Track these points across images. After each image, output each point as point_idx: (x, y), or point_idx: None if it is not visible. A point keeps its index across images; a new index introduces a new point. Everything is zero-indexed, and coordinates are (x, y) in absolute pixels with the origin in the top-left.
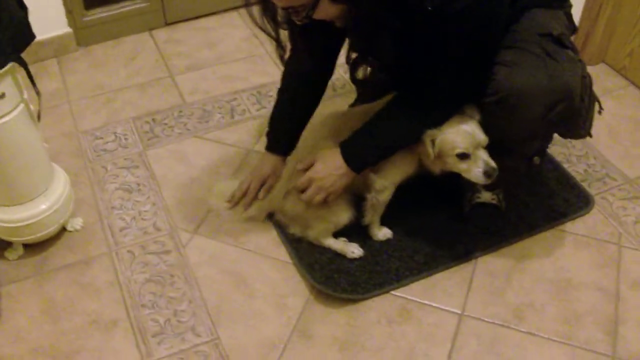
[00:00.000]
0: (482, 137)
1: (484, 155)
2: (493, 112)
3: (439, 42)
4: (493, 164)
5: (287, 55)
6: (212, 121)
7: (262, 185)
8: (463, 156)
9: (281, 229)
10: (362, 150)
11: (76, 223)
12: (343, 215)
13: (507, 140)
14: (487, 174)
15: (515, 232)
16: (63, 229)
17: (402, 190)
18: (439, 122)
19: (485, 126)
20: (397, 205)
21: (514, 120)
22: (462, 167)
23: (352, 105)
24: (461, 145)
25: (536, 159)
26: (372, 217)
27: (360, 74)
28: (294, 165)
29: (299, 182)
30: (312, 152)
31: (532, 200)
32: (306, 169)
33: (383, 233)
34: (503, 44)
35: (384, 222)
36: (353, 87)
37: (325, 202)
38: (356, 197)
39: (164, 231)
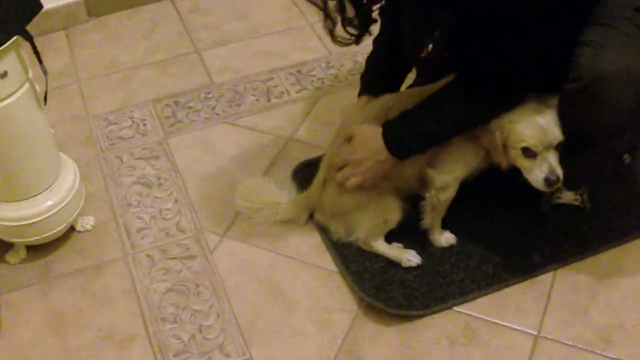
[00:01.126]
0: (556, 136)
1: (552, 158)
2: (575, 100)
3: (505, 3)
4: (559, 172)
5: (338, 28)
6: (244, 104)
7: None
8: (528, 153)
9: (325, 232)
10: (408, 133)
11: (87, 222)
12: (393, 211)
13: (591, 133)
14: (548, 181)
15: (602, 240)
16: (72, 229)
17: (467, 188)
18: (504, 107)
19: (564, 116)
20: (462, 206)
21: (600, 111)
22: (524, 164)
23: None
24: (530, 141)
25: (626, 157)
26: (432, 219)
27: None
28: (331, 153)
29: (337, 159)
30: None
31: (622, 202)
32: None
33: (445, 238)
34: (589, 20)
35: (446, 225)
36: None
37: (361, 188)
38: (412, 196)
39: (189, 233)
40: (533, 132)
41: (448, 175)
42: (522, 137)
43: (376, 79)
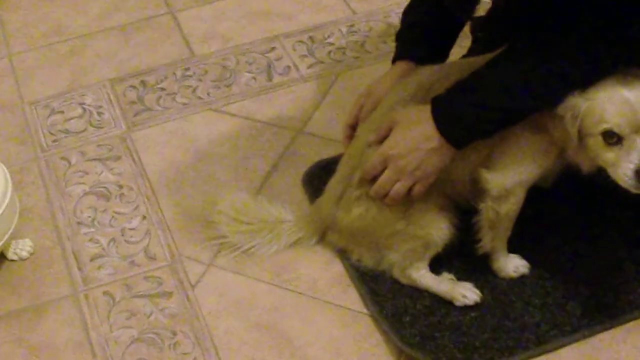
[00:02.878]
0: None
1: None
2: None
3: None
4: None
5: None
6: (236, 85)
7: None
8: (611, 137)
9: (348, 259)
10: (468, 108)
11: (22, 248)
12: (436, 227)
13: None
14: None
15: None
16: (2, 257)
17: (544, 198)
18: (586, 78)
19: None
20: (536, 222)
21: None
22: (606, 155)
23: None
24: (612, 119)
25: None
26: (492, 240)
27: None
28: (355, 151)
29: (368, 164)
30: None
31: None
32: (381, 142)
33: (514, 266)
34: None
35: (515, 248)
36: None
37: (408, 200)
38: (463, 206)
39: (162, 261)
40: (617, 108)
41: (508, 178)
42: (602, 116)
43: (417, 38)
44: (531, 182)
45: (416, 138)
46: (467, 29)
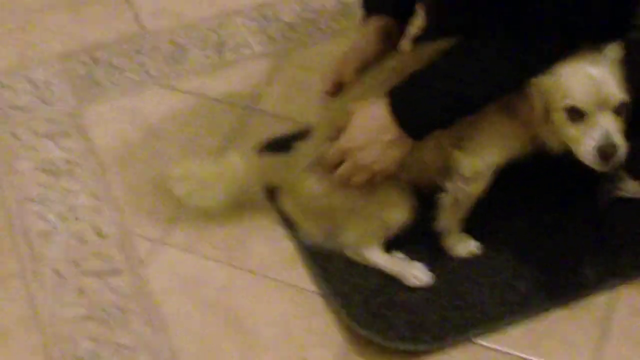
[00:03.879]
0: (613, 91)
1: (606, 121)
2: None
3: None
4: (618, 140)
5: None
6: (187, 62)
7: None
8: (574, 113)
9: (300, 237)
10: (425, 99)
11: None
12: (396, 209)
13: None
14: (602, 152)
15: None
16: None
17: (500, 180)
18: (546, 62)
19: (628, 77)
20: (489, 203)
21: None
22: (569, 131)
23: (416, 40)
24: (576, 95)
25: None
26: (450, 220)
27: None
28: (328, 123)
29: (328, 154)
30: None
31: None
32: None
33: (465, 246)
34: None
35: (467, 229)
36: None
37: (369, 187)
38: (422, 187)
39: (111, 238)
40: (581, 83)
41: (480, 160)
42: (565, 91)
43: None
44: (502, 163)
45: (373, 130)
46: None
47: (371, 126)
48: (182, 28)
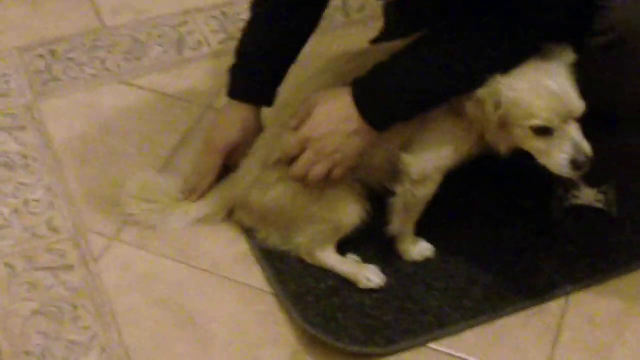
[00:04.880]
0: (576, 104)
1: (575, 133)
2: (600, 61)
3: None
4: (588, 149)
5: None
6: (147, 58)
7: (224, 159)
8: (543, 131)
9: (254, 237)
10: (387, 92)
11: None
12: (347, 212)
13: (622, 107)
14: (575, 164)
15: (633, 255)
16: None
17: (451, 183)
18: (509, 59)
19: (584, 83)
20: (443, 206)
21: (634, 76)
22: (537, 146)
23: (375, 42)
24: (542, 114)
25: None
26: (402, 223)
27: None
28: (272, 133)
29: (287, 145)
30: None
31: None
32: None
33: (419, 250)
34: None
35: (421, 232)
36: (378, 11)
37: (326, 183)
38: (376, 191)
39: (65, 234)
40: (545, 101)
41: (429, 162)
42: (530, 110)
43: (261, 77)
44: (451, 166)
45: (336, 120)
46: (380, 10)
47: (334, 116)
48: (143, 25)
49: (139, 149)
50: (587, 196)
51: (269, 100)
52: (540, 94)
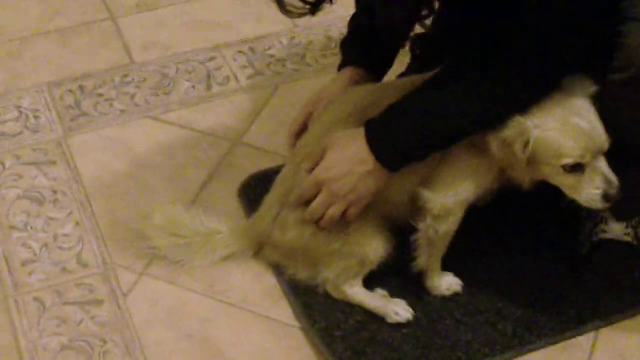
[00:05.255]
0: (604, 139)
1: (604, 167)
2: (620, 96)
3: None
4: (616, 181)
5: None
6: (175, 93)
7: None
8: (574, 168)
9: (282, 272)
10: (399, 134)
11: None
12: (373, 246)
13: None
14: (607, 197)
15: None
16: None
17: (478, 215)
18: (528, 98)
19: (605, 119)
20: (470, 240)
21: None
22: (568, 182)
23: (402, 76)
24: (574, 153)
25: None
26: (428, 259)
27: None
28: (292, 171)
29: (302, 188)
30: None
31: None
32: (314, 167)
33: (447, 284)
34: None
35: (449, 266)
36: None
37: (343, 222)
38: (402, 226)
39: (94, 269)
40: (575, 139)
41: (449, 198)
42: (561, 150)
43: (364, 44)
44: (472, 201)
45: (350, 162)
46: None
47: (348, 158)
48: (171, 60)
49: (168, 184)
50: (616, 230)
51: (378, 72)
52: (571, 133)
